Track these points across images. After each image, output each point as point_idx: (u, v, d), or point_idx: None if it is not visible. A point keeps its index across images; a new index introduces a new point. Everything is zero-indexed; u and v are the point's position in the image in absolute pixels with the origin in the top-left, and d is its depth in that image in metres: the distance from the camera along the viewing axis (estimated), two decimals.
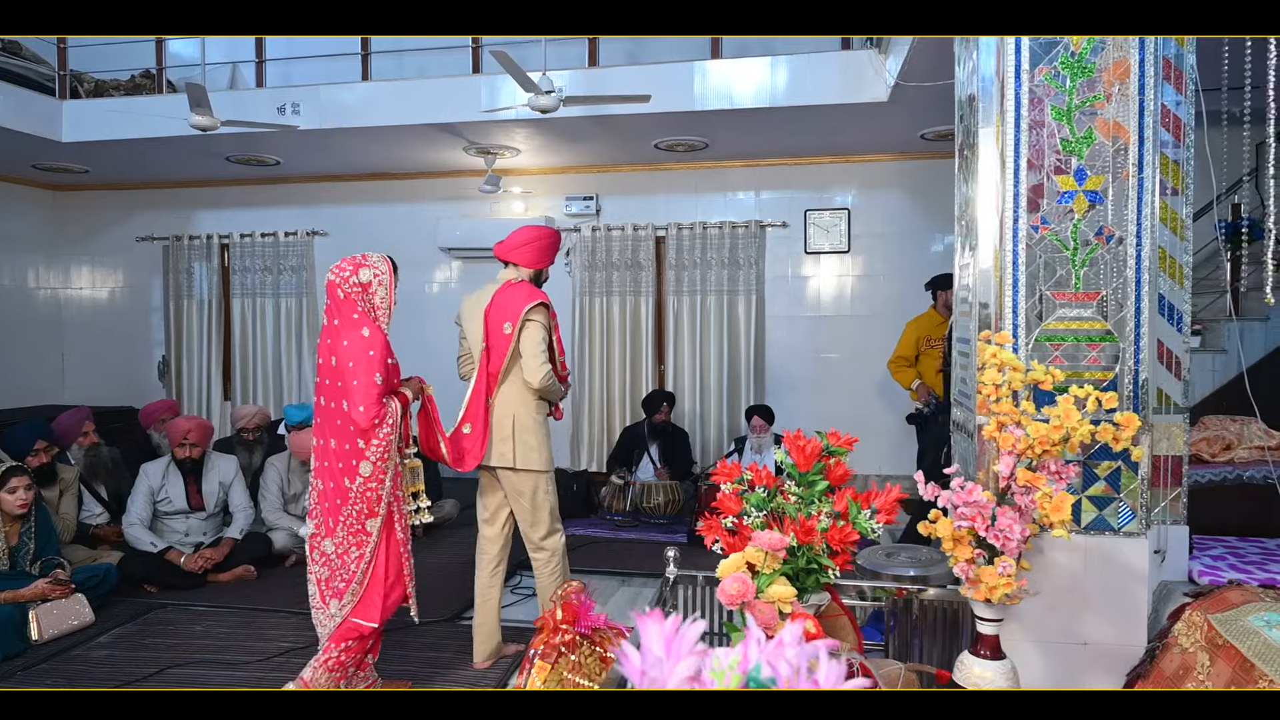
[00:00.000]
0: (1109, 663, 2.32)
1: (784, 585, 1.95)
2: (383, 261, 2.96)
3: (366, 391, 2.75)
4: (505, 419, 3.26)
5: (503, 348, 3.23)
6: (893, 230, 6.58)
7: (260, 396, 7.42)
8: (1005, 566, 1.97)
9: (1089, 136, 2.30)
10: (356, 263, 2.90)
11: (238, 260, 7.49)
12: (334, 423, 2.83)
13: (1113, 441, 2.03)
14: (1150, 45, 2.28)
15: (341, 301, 2.86)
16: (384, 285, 2.91)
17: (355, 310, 2.85)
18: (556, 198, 7.02)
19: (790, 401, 6.53)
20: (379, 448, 2.81)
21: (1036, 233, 2.34)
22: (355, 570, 2.84)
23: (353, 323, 2.83)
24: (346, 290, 2.86)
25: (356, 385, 2.75)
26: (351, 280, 2.86)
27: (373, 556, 2.85)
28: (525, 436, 3.26)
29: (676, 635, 0.67)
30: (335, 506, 2.83)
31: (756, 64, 5.08)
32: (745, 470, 2.21)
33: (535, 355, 3.18)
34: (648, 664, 0.66)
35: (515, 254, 3.34)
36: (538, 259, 3.36)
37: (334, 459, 2.83)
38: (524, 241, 3.35)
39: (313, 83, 5.76)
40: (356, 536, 2.83)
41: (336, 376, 2.81)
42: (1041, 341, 2.35)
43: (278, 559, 4.67)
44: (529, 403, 3.28)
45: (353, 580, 2.84)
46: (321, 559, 2.90)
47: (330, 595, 2.88)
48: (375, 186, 7.31)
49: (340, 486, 2.82)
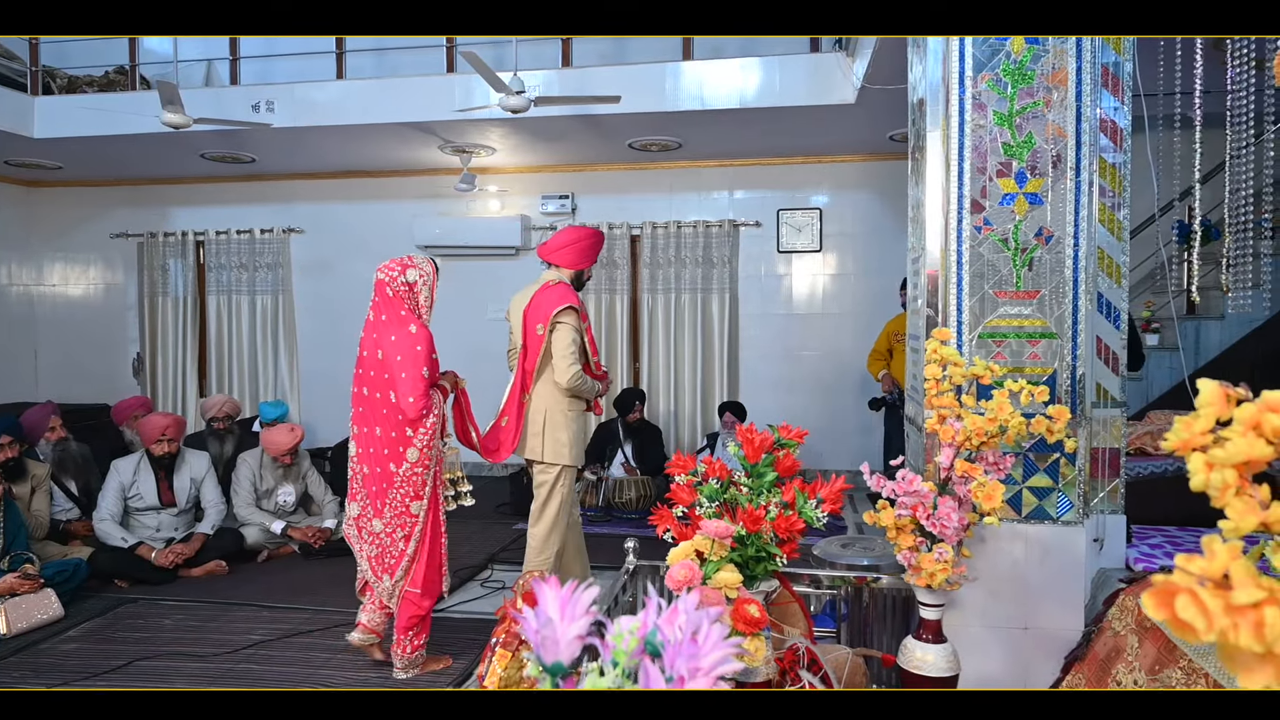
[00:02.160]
0: (1049, 646, 2.40)
1: (731, 572, 2.02)
2: (426, 263, 3.19)
3: (415, 383, 2.96)
4: (538, 414, 3.42)
5: (536, 347, 3.39)
6: (863, 230, 6.69)
7: (236, 394, 7.42)
8: (942, 553, 2.06)
9: (1029, 141, 2.38)
10: (404, 263, 3.12)
11: (213, 257, 7.49)
12: (379, 412, 3.05)
13: (1046, 433, 2.12)
14: (1088, 53, 2.37)
15: (390, 299, 3.06)
16: (428, 285, 3.14)
17: (403, 307, 3.06)
18: (532, 196, 7.08)
19: (763, 398, 6.62)
20: (425, 435, 3.03)
21: (980, 233, 2.42)
22: (405, 549, 3.07)
23: (400, 319, 3.04)
24: (395, 289, 3.06)
25: (405, 377, 2.96)
26: (399, 280, 3.07)
27: (421, 536, 3.08)
28: (556, 433, 3.40)
29: (571, 598, 0.74)
30: (381, 490, 3.05)
31: (728, 65, 5.16)
32: (700, 463, 2.28)
33: (564, 357, 3.32)
34: (541, 624, 0.73)
35: (557, 255, 3.48)
36: (578, 260, 3.48)
37: (379, 445, 3.05)
38: (566, 243, 3.47)
39: (287, 80, 5.80)
40: (401, 518, 3.05)
41: (383, 369, 3.03)
42: (985, 338, 2.44)
43: (249, 555, 4.70)
44: (561, 400, 3.41)
45: (403, 557, 3.08)
46: (371, 538, 3.12)
47: (383, 571, 3.12)
48: (351, 184, 7.34)
49: (386, 471, 3.03)
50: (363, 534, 3.14)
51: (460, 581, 4.25)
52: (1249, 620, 0.48)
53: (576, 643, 0.73)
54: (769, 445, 2.26)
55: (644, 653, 0.80)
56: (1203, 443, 0.72)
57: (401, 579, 3.10)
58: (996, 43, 2.40)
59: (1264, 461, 0.69)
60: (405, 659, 3.15)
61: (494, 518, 5.66)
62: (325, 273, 7.44)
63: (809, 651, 2.19)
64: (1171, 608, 0.48)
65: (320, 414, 7.37)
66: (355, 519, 3.15)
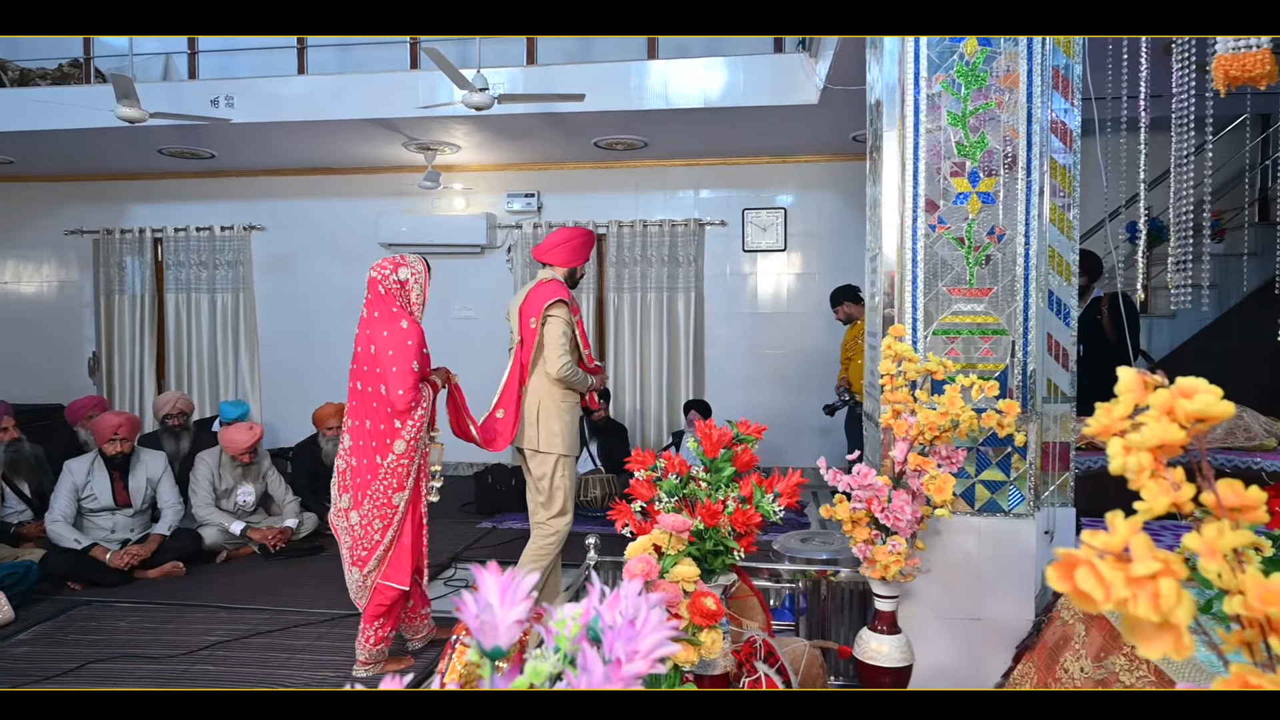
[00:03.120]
0: (1001, 636, 2.46)
1: (688, 566, 2.04)
2: (418, 261, 3.27)
3: (404, 377, 3.06)
4: (532, 405, 3.53)
5: (531, 340, 3.50)
6: (827, 229, 6.75)
7: (196, 393, 7.31)
8: (895, 545, 2.10)
9: (982, 141, 2.43)
10: (396, 262, 3.21)
11: (171, 255, 7.37)
12: (370, 405, 3.14)
13: (997, 427, 2.17)
14: (1038, 55, 2.42)
15: (382, 296, 3.16)
16: (419, 283, 3.23)
17: (394, 304, 3.16)
18: (498, 194, 7.05)
19: (729, 397, 6.66)
20: (413, 427, 3.13)
21: (934, 231, 2.47)
22: (380, 540, 3.12)
23: (392, 315, 3.14)
24: (387, 286, 3.16)
25: (395, 371, 3.06)
26: (391, 278, 3.16)
27: (399, 527, 3.15)
28: (549, 423, 3.52)
29: (511, 585, 0.75)
30: (365, 481, 3.12)
31: (692, 65, 5.19)
32: (660, 458, 2.30)
33: (554, 348, 3.43)
34: (480, 609, 0.73)
35: (550, 255, 3.60)
36: (570, 258, 3.60)
37: (368, 438, 3.13)
38: (558, 243, 3.60)
39: (248, 75, 5.71)
40: (381, 510, 3.12)
41: (375, 364, 3.12)
42: (939, 334, 2.48)
43: (208, 555, 4.63)
44: (554, 392, 3.52)
45: (376, 549, 3.13)
46: (347, 528, 3.18)
47: (353, 564, 3.17)
48: (314, 181, 7.25)
49: (372, 463, 3.11)
50: (343, 524, 3.22)
51: None
52: (1147, 591, 0.50)
53: (516, 628, 0.74)
54: (727, 440, 2.28)
55: (585, 638, 0.81)
56: (1121, 428, 0.75)
57: (374, 570, 3.15)
58: (950, 44, 2.44)
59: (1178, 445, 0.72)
60: (368, 650, 3.18)
61: (459, 516, 5.64)
62: (287, 271, 7.35)
63: (766, 644, 2.22)
64: (1073, 579, 0.51)
65: (282, 414, 7.28)
66: (342, 510, 3.23)
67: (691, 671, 2.08)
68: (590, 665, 0.71)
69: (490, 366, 4.58)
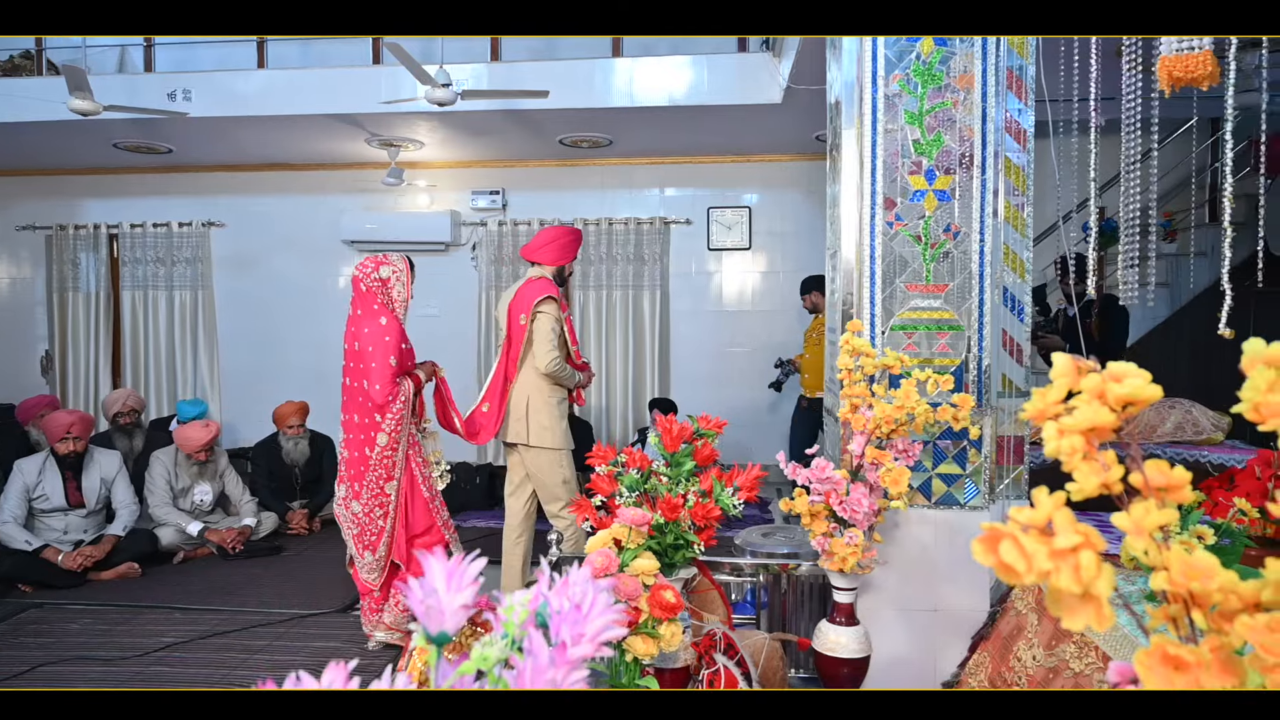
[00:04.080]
0: (957, 627, 2.50)
1: (648, 559, 2.04)
2: (400, 260, 3.36)
3: (382, 372, 3.17)
4: (521, 401, 3.59)
5: (520, 337, 3.57)
6: (792, 228, 6.81)
7: (153, 393, 7.18)
8: (852, 537, 2.12)
9: (938, 139, 2.47)
10: (378, 260, 3.32)
11: (128, 251, 7.22)
12: (356, 400, 3.28)
13: (952, 420, 2.20)
14: (993, 56, 2.47)
15: (364, 294, 3.28)
16: (401, 281, 3.32)
17: (375, 302, 3.27)
18: (462, 191, 7.01)
19: (694, 394, 6.68)
20: (393, 420, 3.24)
21: (892, 228, 2.50)
22: (383, 526, 3.29)
23: (373, 312, 3.25)
24: (368, 284, 3.27)
25: (374, 367, 3.18)
26: (373, 276, 3.28)
27: (396, 513, 3.30)
28: (538, 417, 3.58)
29: (457, 570, 0.75)
30: (360, 473, 3.27)
31: (657, 63, 5.20)
32: (621, 453, 2.31)
33: (544, 343, 3.51)
34: (426, 594, 0.73)
35: (538, 254, 3.68)
36: (559, 256, 3.68)
37: (356, 431, 3.28)
38: (546, 242, 3.68)
39: (206, 69, 5.62)
40: (377, 499, 3.27)
41: (358, 360, 3.25)
42: (896, 330, 2.52)
43: (165, 556, 4.55)
44: (543, 387, 3.59)
45: (383, 534, 3.29)
46: (352, 519, 3.32)
47: (365, 548, 3.32)
48: (275, 177, 7.15)
49: (362, 455, 3.26)
50: (347, 513, 3.35)
51: None
52: (1069, 564, 0.52)
53: (461, 612, 0.74)
54: (688, 435, 2.30)
55: (533, 624, 0.81)
56: (1056, 412, 0.77)
57: (385, 553, 3.31)
58: (907, 44, 2.48)
59: (1109, 428, 0.74)
60: (397, 615, 3.34)
61: None
62: (248, 268, 7.24)
63: (726, 636, 2.23)
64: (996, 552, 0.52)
65: (242, 413, 7.17)
66: (342, 500, 3.35)
67: (652, 665, 2.09)
68: (535, 648, 0.72)
69: (456, 364, 4.55)
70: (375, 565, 3.33)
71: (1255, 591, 0.66)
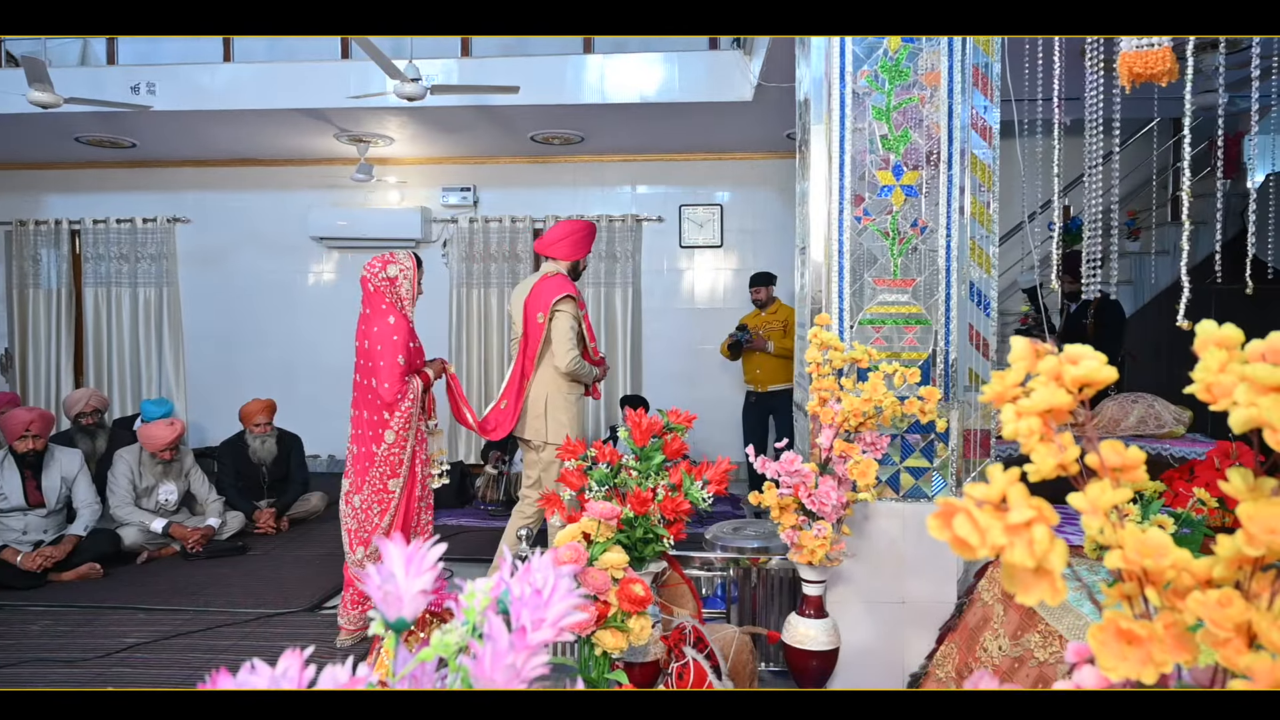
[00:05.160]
0: (924, 618, 2.52)
1: (617, 553, 2.04)
2: (407, 258, 3.39)
3: (391, 370, 3.22)
4: (539, 398, 3.61)
5: (537, 334, 3.57)
6: (763, 226, 6.83)
7: (117, 391, 7.05)
8: (821, 530, 2.13)
9: (905, 135, 2.49)
10: (385, 260, 3.34)
11: (90, 247, 7.08)
12: (365, 397, 3.31)
13: (919, 413, 2.22)
14: (959, 53, 2.49)
15: (372, 294, 3.31)
16: (408, 279, 3.35)
17: (384, 301, 3.30)
18: (433, 188, 6.96)
19: (666, 392, 6.69)
20: (401, 418, 3.28)
21: (860, 223, 2.52)
22: (379, 523, 3.31)
23: (381, 311, 3.29)
24: (376, 284, 3.30)
25: (383, 365, 3.22)
26: (380, 275, 3.30)
27: (395, 510, 3.32)
28: (557, 414, 3.61)
29: (416, 555, 0.74)
30: (365, 468, 3.30)
31: (628, 60, 5.19)
32: (591, 448, 2.30)
33: (563, 342, 3.51)
34: (384, 579, 0.72)
35: (552, 249, 3.68)
36: (572, 251, 3.68)
37: (365, 427, 3.31)
38: (559, 237, 3.68)
39: (171, 62, 5.52)
40: (379, 495, 3.30)
41: (368, 358, 3.28)
42: (864, 324, 2.53)
43: (128, 556, 4.46)
44: (561, 384, 3.61)
45: (375, 530, 3.31)
46: (351, 512, 3.35)
47: (358, 544, 3.33)
48: (242, 172, 7.05)
49: (369, 451, 3.29)
50: (345, 508, 3.38)
51: None
52: (1023, 538, 0.52)
53: (420, 598, 0.73)
54: (657, 429, 2.29)
55: (495, 610, 0.81)
56: (1015, 394, 0.77)
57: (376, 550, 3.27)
58: (874, 40, 2.49)
59: (1066, 409, 0.75)
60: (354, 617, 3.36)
61: None
62: (214, 264, 7.13)
63: (696, 630, 2.24)
64: (951, 527, 0.52)
65: (208, 412, 7.06)
66: (345, 493, 3.38)
67: (621, 659, 2.09)
68: (495, 633, 0.71)
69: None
70: (359, 564, 3.32)
71: (1207, 568, 0.67)
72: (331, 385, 7.07)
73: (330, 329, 7.09)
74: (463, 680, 0.74)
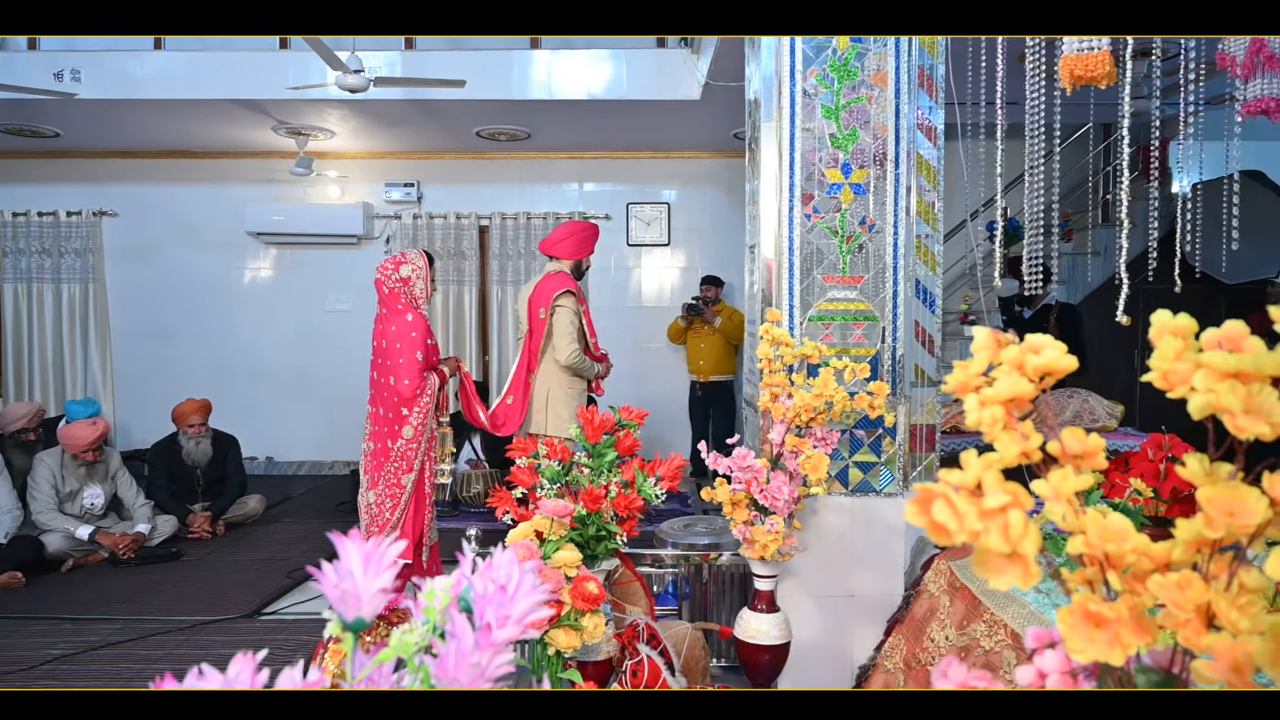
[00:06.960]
0: (872, 611, 2.55)
1: (570, 551, 2.02)
2: (419, 256, 3.48)
3: (410, 367, 3.32)
4: (542, 392, 3.71)
5: (540, 330, 3.68)
6: (710, 225, 6.87)
7: (39, 392, 6.75)
8: (773, 525, 2.14)
9: (853, 134, 2.52)
10: (397, 261, 3.44)
11: (10, 241, 6.76)
12: (383, 394, 3.39)
13: (868, 408, 2.25)
14: (905, 54, 2.53)
15: (387, 295, 3.41)
16: (421, 277, 3.43)
17: (400, 301, 3.40)
18: (375, 183, 6.83)
19: (614, 390, 6.63)
20: (419, 414, 3.37)
21: (809, 221, 2.54)
22: (389, 518, 3.39)
23: (398, 311, 3.39)
24: (390, 286, 3.40)
25: (402, 362, 3.32)
26: (394, 277, 3.40)
27: (406, 505, 3.39)
28: (558, 408, 3.69)
29: (375, 553, 0.71)
30: (380, 464, 3.38)
31: (575, 57, 5.16)
32: (541, 444, 2.27)
33: (564, 336, 3.62)
34: (341, 578, 0.69)
35: (556, 249, 3.81)
36: (575, 251, 3.79)
37: (382, 424, 3.40)
38: (562, 237, 3.80)
39: (96, 48, 5.30)
40: (392, 490, 3.38)
41: (386, 356, 3.38)
42: (814, 320, 2.56)
43: (52, 564, 4.27)
44: (563, 379, 3.71)
45: (386, 525, 3.40)
46: (365, 509, 3.43)
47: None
48: (174, 165, 6.81)
49: (385, 447, 3.38)
50: (363, 503, 3.44)
51: (294, 583, 4.05)
52: (998, 523, 0.52)
53: (379, 597, 0.70)
54: (609, 426, 2.28)
55: (456, 608, 0.78)
56: (978, 384, 0.78)
57: None
58: (824, 40, 2.52)
59: (1028, 398, 0.75)
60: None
61: (333, 516, 5.41)
62: (145, 260, 6.87)
63: (649, 627, 2.23)
64: (929, 513, 0.52)
65: (137, 413, 6.81)
66: (361, 491, 3.46)
67: (574, 658, 2.06)
68: (459, 632, 0.69)
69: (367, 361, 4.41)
70: None
71: (1166, 552, 0.68)
72: (270, 385, 6.90)
73: (268, 327, 6.90)
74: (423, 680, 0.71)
